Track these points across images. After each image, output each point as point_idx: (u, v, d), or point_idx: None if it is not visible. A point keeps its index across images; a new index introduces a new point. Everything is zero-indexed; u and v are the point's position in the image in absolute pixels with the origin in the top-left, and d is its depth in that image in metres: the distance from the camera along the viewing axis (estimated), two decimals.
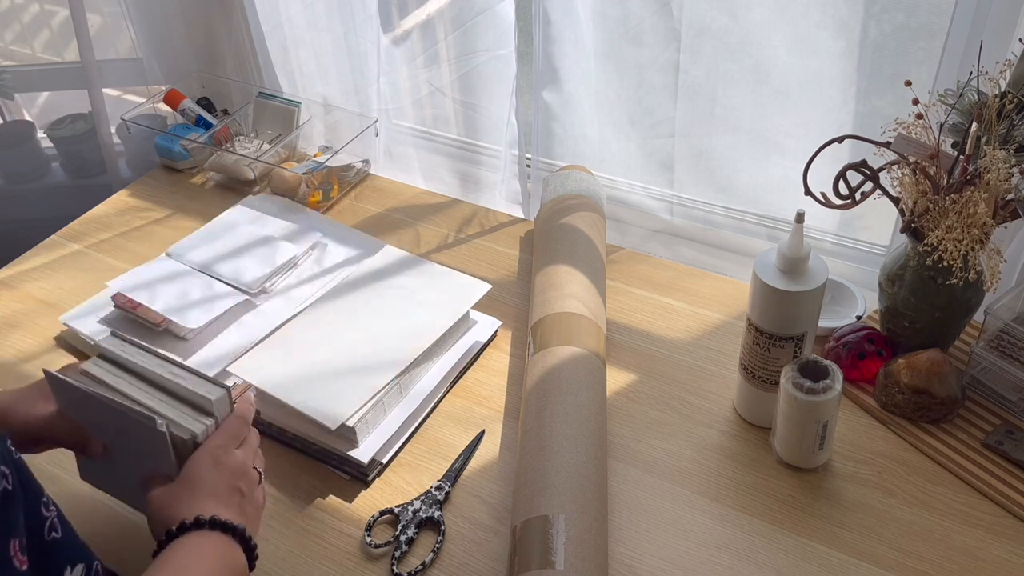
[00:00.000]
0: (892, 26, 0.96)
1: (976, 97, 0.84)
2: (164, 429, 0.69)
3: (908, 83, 0.83)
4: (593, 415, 0.86)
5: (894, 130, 0.85)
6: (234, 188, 1.33)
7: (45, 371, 0.73)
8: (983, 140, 0.82)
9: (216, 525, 0.66)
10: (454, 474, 0.89)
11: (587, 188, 1.15)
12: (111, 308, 1.06)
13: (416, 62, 1.28)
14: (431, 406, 0.96)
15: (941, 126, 0.85)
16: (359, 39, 1.28)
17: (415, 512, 0.85)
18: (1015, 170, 0.80)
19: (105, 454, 0.75)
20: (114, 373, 0.74)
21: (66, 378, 0.72)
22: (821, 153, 0.86)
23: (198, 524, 0.65)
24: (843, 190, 0.87)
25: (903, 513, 0.83)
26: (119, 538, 0.84)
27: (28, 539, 0.58)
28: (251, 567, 0.68)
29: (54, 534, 0.62)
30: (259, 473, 0.74)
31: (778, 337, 0.84)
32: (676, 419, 0.94)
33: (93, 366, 0.75)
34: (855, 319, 1.00)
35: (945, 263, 0.83)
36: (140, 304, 1.05)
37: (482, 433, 0.93)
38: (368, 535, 0.83)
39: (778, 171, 1.11)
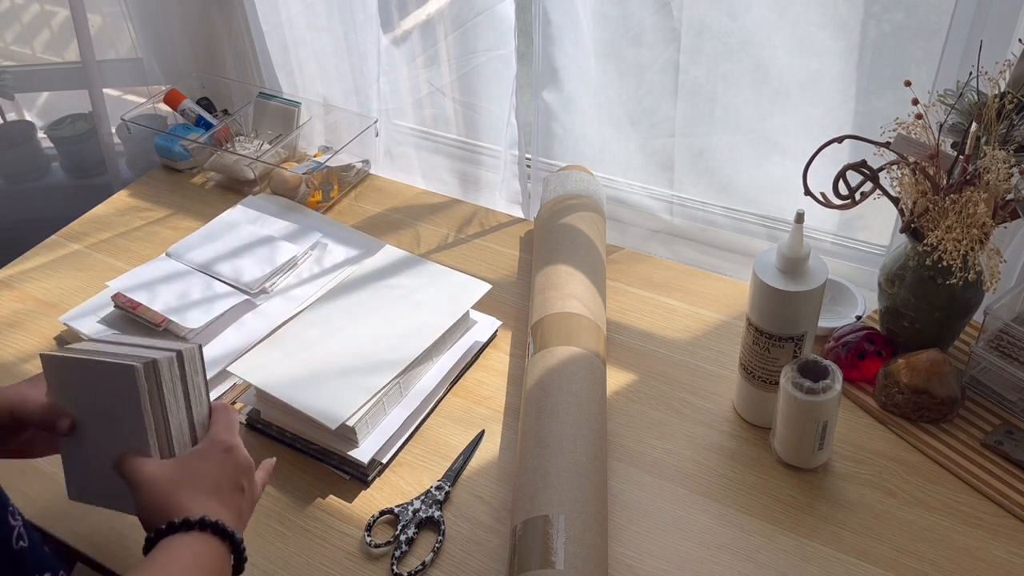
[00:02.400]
0: (892, 26, 0.96)
1: (976, 97, 0.84)
2: (139, 365, 0.65)
3: (908, 83, 0.83)
4: (593, 415, 0.86)
5: (894, 130, 0.85)
6: (234, 188, 1.33)
7: (42, 355, 0.70)
8: (983, 140, 0.82)
9: (216, 530, 0.62)
10: (454, 474, 0.89)
11: (587, 188, 1.15)
12: (111, 308, 1.07)
13: (416, 62, 1.28)
14: (431, 406, 0.96)
15: (941, 126, 0.85)
16: (359, 39, 1.28)
17: (415, 512, 0.85)
18: (1015, 170, 0.80)
19: (75, 431, 0.70)
20: (95, 348, 0.72)
21: (54, 353, 0.70)
22: (821, 153, 0.86)
23: (191, 525, 0.61)
24: (843, 190, 0.87)
25: (903, 513, 0.83)
26: (110, 532, 0.84)
27: None
28: (240, 570, 0.64)
29: (21, 543, 0.61)
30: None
31: (778, 337, 0.84)
32: (676, 419, 0.94)
33: (76, 345, 0.73)
34: (855, 319, 1.00)
35: (945, 263, 0.83)
36: (140, 304, 1.05)
37: (482, 433, 0.93)
38: (368, 535, 0.83)
39: (778, 171, 1.11)
